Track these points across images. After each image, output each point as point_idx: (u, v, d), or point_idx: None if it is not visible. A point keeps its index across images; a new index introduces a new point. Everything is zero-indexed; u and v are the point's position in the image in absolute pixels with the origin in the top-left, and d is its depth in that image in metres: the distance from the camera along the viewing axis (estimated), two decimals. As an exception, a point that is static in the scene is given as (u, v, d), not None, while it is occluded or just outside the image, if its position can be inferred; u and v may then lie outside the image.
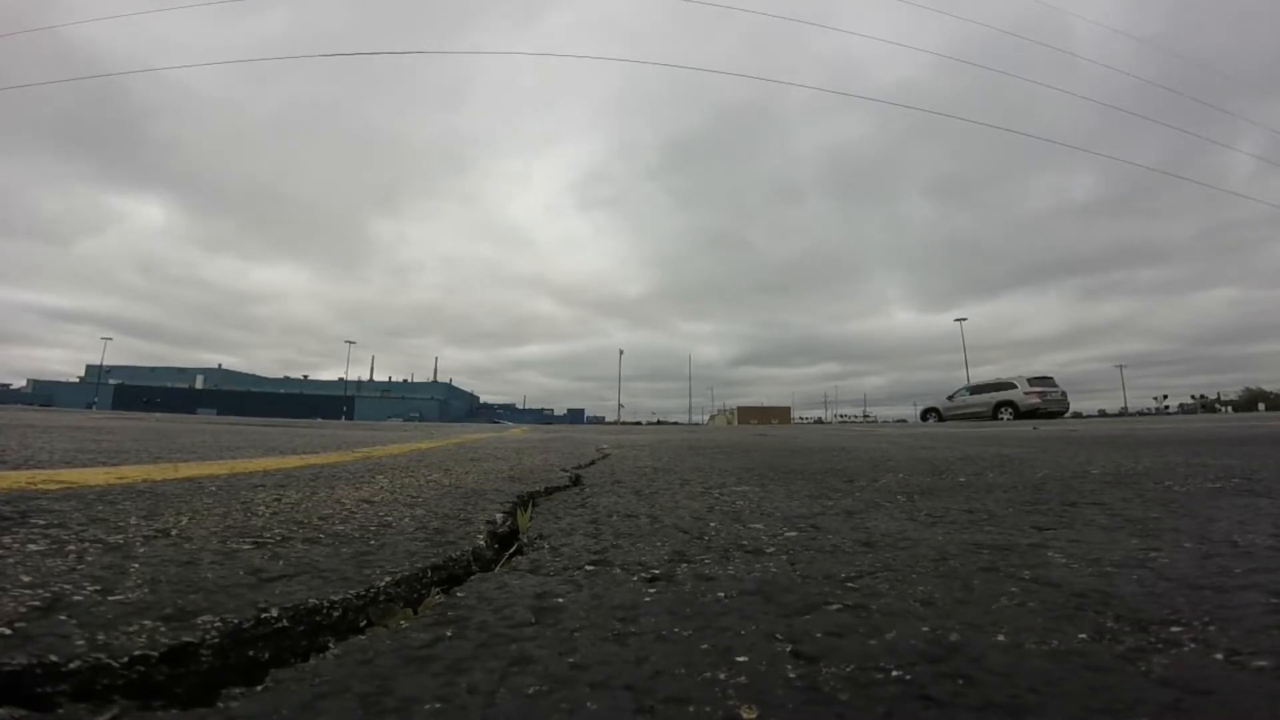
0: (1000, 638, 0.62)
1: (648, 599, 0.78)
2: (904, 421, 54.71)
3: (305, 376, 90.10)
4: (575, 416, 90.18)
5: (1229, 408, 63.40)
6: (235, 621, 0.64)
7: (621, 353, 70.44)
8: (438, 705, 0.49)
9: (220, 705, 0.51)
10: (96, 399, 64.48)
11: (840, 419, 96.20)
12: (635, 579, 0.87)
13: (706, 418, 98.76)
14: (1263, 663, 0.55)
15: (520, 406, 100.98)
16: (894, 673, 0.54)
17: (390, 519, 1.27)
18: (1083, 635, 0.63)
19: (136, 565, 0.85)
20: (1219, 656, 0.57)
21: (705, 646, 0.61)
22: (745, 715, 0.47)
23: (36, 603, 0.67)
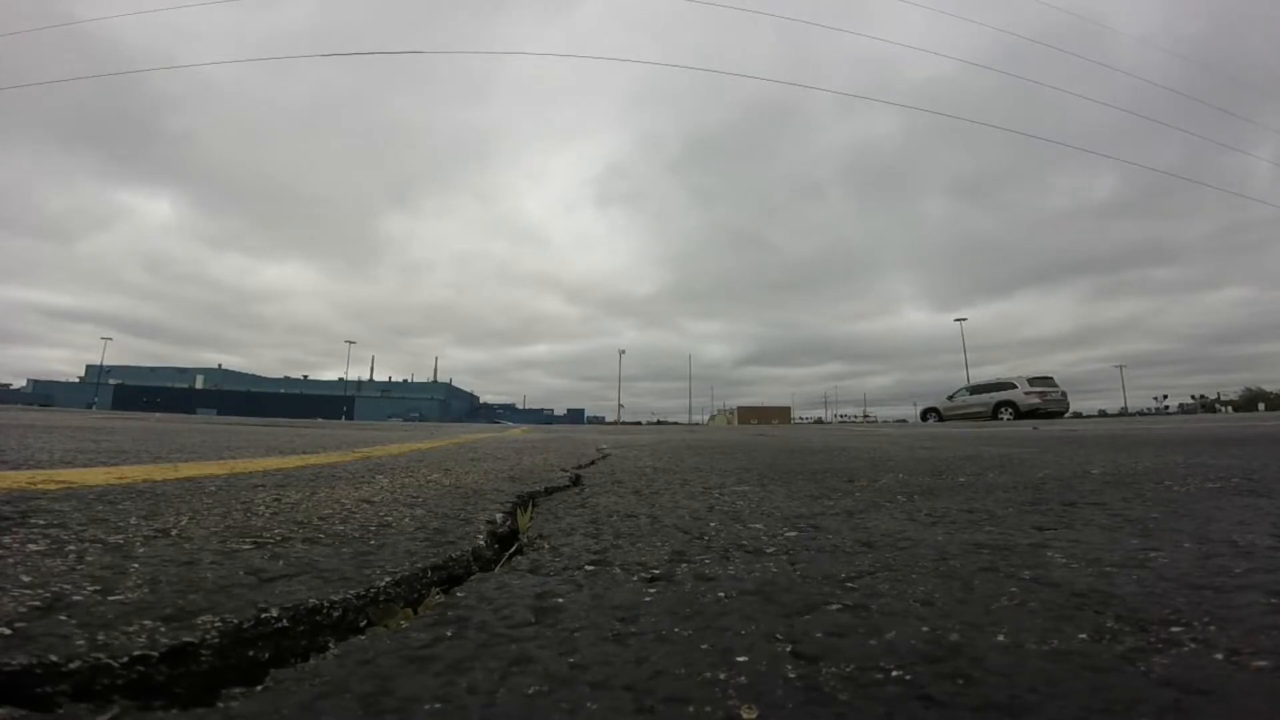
0: (1000, 638, 0.62)
1: (648, 599, 0.78)
2: (904, 422, 54.72)
3: (305, 376, 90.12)
4: (575, 417, 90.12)
5: (1229, 408, 63.40)
6: (235, 621, 0.64)
7: (622, 353, 70.54)
8: (438, 705, 0.49)
9: (220, 705, 0.51)
10: (96, 399, 64.50)
11: (840, 419, 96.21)
12: (635, 579, 0.87)
13: (706, 418, 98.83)
14: (1263, 663, 0.55)
15: (520, 406, 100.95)
16: (894, 673, 0.54)
17: (390, 519, 1.27)
18: (1083, 635, 0.63)
19: (136, 565, 0.85)
20: (1219, 656, 0.57)
21: (705, 646, 0.61)
22: (745, 715, 0.47)
23: (36, 603, 0.67)
